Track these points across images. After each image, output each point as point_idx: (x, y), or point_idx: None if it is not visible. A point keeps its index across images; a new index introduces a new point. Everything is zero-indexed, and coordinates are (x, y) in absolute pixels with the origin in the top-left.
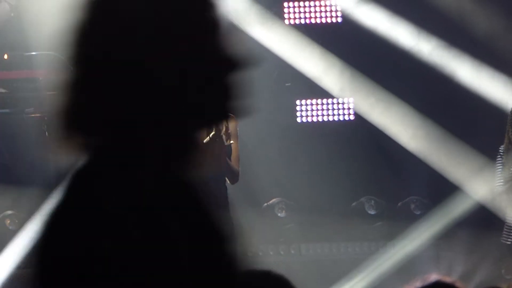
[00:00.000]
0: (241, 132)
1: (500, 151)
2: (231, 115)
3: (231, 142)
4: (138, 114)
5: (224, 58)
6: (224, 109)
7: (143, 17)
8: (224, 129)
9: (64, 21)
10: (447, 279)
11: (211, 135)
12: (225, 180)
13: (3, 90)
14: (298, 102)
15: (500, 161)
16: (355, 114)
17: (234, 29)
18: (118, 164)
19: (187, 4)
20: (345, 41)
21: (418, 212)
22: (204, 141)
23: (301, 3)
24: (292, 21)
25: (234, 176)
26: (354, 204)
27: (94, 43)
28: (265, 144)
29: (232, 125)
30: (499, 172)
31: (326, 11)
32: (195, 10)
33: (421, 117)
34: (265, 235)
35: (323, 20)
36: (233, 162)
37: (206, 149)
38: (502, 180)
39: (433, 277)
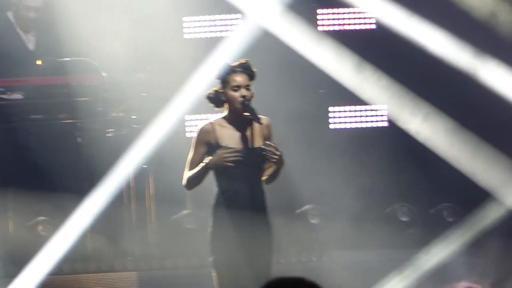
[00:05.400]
0: (274, 139)
1: None
2: (264, 117)
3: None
4: None
5: None
6: None
7: None
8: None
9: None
10: (477, 287)
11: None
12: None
13: (36, 96)
14: (331, 109)
15: None
16: (389, 121)
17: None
18: None
19: None
20: (379, 47)
21: (450, 219)
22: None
23: (335, 10)
24: (325, 28)
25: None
26: (387, 210)
27: None
28: (298, 151)
29: (266, 126)
30: None
31: (359, 18)
32: None
33: (455, 124)
34: (298, 242)
35: (357, 27)
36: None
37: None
38: None
39: (463, 284)
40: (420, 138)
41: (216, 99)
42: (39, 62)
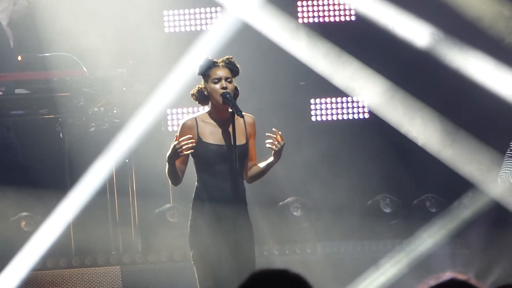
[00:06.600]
0: (257, 131)
1: (511, 145)
2: (249, 114)
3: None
4: None
5: None
6: None
7: None
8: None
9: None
10: (461, 277)
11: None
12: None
13: (17, 91)
14: (312, 101)
15: (509, 154)
16: (370, 112)
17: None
18: None
19: None
20: (359, 39)
21: (433, 210)
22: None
23: (315, 2)
24: (305, 20)
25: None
26: (369, 202)
27: None
28: None
29: (250, 124)
30: (506, 164)
31: (339, 10)
32: None
33: (436, 115)
34: (281, 234)
35: (337, 19)
36: (254, 159)
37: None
38: (507, 171)
39: (448, 275)
40: (401, 129)
41: (199, 96)
42: (20, 58)
